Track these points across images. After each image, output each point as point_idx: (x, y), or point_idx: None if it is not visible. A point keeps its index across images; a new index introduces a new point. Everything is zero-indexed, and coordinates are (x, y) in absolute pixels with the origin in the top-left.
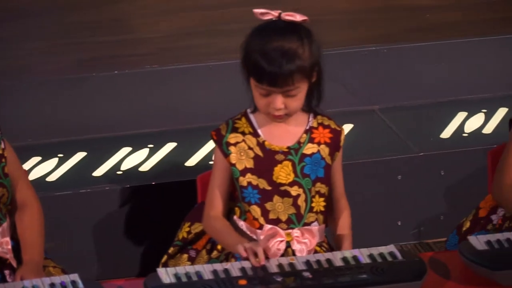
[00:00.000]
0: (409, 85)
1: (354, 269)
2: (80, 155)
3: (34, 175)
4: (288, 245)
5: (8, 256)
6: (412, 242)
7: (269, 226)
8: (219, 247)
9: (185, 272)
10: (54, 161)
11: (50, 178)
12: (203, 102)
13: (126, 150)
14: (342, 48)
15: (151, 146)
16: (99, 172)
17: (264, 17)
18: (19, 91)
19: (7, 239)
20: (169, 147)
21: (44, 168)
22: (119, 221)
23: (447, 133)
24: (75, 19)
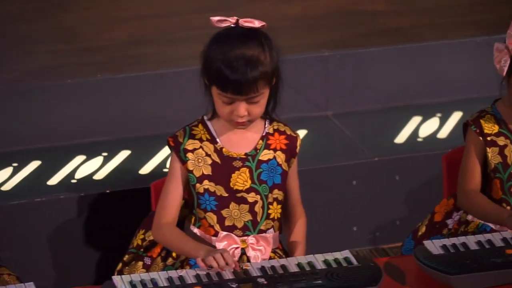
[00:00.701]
0: (362, 90)
1: (309, 275)
2: (34, 164)
3: None
4: (243, 252)
5: None
6: (368, 247)
7: (224, 233)
8: (174, 254)
9: (140, 280)
10: (8, 171)
11: (5, 188)
12: (156, 110)
13: (80, 158)
14: (295, 54)
15: (105, 154)
16: (53, 181)
17: (222, 24)
18: None
19: None
20: (123, 155)
21: None
22: (74, 229)
23: (401, 138)
24: (26, 28)
